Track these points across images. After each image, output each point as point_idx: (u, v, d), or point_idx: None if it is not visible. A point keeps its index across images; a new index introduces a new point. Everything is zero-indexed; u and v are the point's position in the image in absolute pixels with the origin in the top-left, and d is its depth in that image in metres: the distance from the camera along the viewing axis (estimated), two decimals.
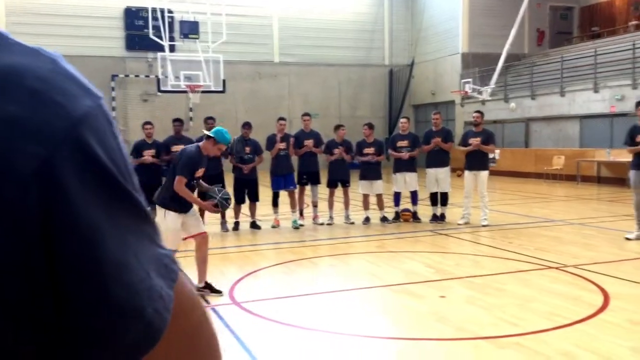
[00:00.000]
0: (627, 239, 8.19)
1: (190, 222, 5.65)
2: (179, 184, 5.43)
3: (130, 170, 0.50)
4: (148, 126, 9.56)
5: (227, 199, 5.85)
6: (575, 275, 6.25)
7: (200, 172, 5.62)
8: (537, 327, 4.53)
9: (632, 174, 8.20)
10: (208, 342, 0.58)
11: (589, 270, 6.39)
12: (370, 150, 10.25)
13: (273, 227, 9.99)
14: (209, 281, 5.76)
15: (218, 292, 5.76)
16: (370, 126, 10.49)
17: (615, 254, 7.32)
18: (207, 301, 5.52)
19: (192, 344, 0.55)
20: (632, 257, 7.14)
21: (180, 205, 5.49)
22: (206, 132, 5.94)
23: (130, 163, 0.51)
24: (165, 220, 5.42)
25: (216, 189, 5.84)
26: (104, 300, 0.45)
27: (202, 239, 5.71)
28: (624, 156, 11.98)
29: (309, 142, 10.19)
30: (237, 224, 9.83)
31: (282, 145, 9.99)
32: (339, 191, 10.37)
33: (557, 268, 6.61)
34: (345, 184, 10.32)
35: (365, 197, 10.40)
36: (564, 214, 11.18)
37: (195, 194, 5.90)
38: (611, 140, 17.81)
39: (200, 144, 5.67)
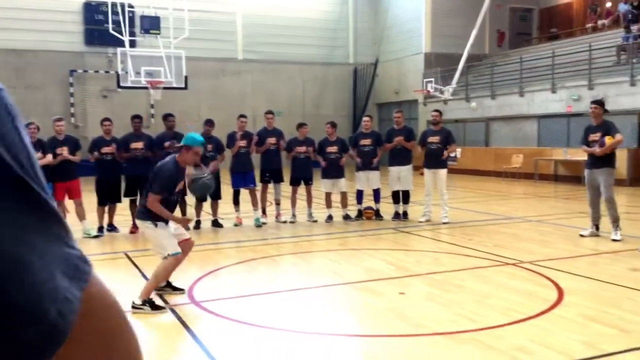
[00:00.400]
0: (582, 235, 8.42)
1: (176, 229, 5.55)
2: (154, 203, 5.24)
3: (35, 166, 0.48)
4: (107, 122, 9.37)
5: (210, 182, 5.77)
6: (532, 271, 6.39)
7: (180, 186, 5.47)
8: (493, 323, 4.62)
9: (586, 172, 8.42)
10: (126, 344, 0.56)
11: (545, 267, 6.54)
12: (333, 148, 10.28)
13: (235, 225, 9.92)
14: (169, 279, 5.68)
15: (179, 289, 5.69)
16: (333, 125, 10.51)
17: (570, 251, 7.52)
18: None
19: (109, 346, 0.53)
20: (586, 254, 7.34)
21: (159, 218, 5.33)
22: (177, 145, 5.79)
23: (36, 158, 0.49)
24: (156, 230, 5.30)
25: (204, 172, 5.69)
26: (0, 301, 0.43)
27: (186, 246, 5.56)
28: (580, 155, 12.31)
29: (271, 140, 10.15)
30: (198, 222, 9.73)
31: (243, 143, 9.93)
32: (301, 189, 10.36)
33: (514, 264, 6.74)
34: (308, 182, 10.33)
35: (328, 195, 10.42)
36: (522, 211, 11.43)
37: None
38: (568, 140, 18.28)
39: (177, 157, 5.46)
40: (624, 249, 7.54)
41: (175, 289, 5.69)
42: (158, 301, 5.27)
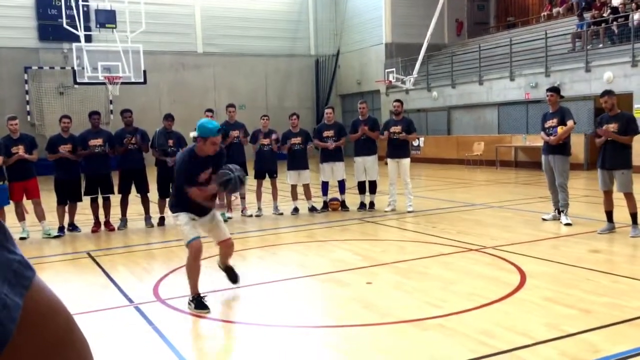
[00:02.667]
0: (544, 219, 8.62)
1: (212, 228, 5.36)
2: (189, 192, 5.01)
3: None
4: (66, 120, 9.12)
5: (242, 177, 5.21)
6: (495, 256, 6.52)
7: (203, 177, 5.14)
8: (459, 308, 4.69)
9: (543, 158, 8.63)
10: (77, 350, 0.54)
11: (507, 251, 6.67)
12: (297, 139, 10.26)
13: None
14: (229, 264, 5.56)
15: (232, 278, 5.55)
16: (297, 116, 10.52)
17: (531, 235, 7.69)
18: (130, 300, 5.36)
19: (57, 353, 0.51)
20: (546, 237, 7.52)
21: (189, 208, 5.11)
22: (193, 135, 5.38)
23: None
24: (178, 220, 5.12)
25: (232, 167, 5.16)
26: None
27: (225, 247, 5.41)
28: (539, 141, 12.58)
29: (234, 133, 10.06)
30: (162, 219, 9.60)
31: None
32: (266, 182, 10.32)
33: (477, 250, 6.86)
34: (273, 175, 10.29)
35: (294, 187, 10.41)
36: (485, 198, 11.63)
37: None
38: (527, 126, 18.68)
39: (194, 147, 5.20)
40: (583, 231, 7.75)
41: (231, 275, 5.54)
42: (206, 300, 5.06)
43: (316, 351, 4.11)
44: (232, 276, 5.60)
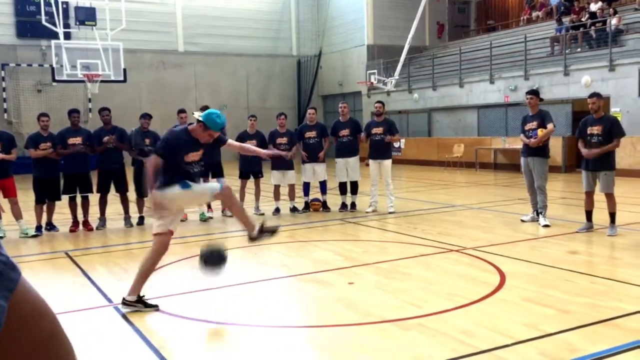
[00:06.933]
0: (523, 221, 8.72)
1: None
2: (151, 161, 4.99)
3: None
4: (44, 118, 9.00)
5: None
6: (475, 257, 6.57)
7: (191, 157, 5.05)
8: (439, 308, 4.72)
9: (522, 160, 8.73)
10: (60, 352, 0.53)
11: (487, 252, 6.73)
12: (283, 140, 10.25)
13: (181, 220, 9.73)
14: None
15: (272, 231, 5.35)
16: (285, 116, 10.55)
17: (511, 236, 7.77)
18: (109, 300, 5.29)
19: (41, 355, 0.50)
20: (525, 239, 7.60)
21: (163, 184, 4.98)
22: (196, 116, 5.23)
23: None
24: (167, 196, 4.91)
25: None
26: None
27: (223, 196, 5.16)
28: (518, 144, 12.73)
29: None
30: (141, 218, 9.51)
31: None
32: (250, 182, 10.29)
33: (457, 251, 6.91)
34: (258, 175, 10.29)
35: (277, 187, 10.40)
36: (464, 199, 11.72)
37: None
38: (506, 129, 18.88)
39: (190, 126, 5.16)
40: (561, 232, 7.86)
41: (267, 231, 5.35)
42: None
43: (299, 351, 4.10)
44: (268, 230, 5.31)
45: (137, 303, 4.93)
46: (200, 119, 5.05)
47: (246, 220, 5.22)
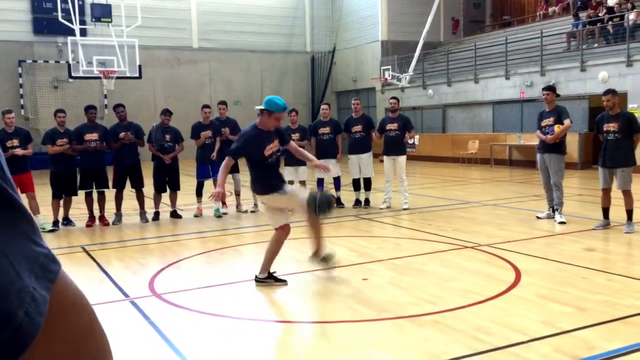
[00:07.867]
0: (538, 217, 8.66)
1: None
2: (224, 163, 5.28)
3: (0, 161, 0.45)
4: (61, 114, 9.10)
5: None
6: (490, 253, 6.54)
7: (270, 149, 5.29)
8: (454, 305, 4.71)
9: (538, 156, 8.66)
10: (98, 345, 0.54)
11: (502, 249, 6.70)
12: (296, 136, 10.25)
13: (196, 216, 9.80)
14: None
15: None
16: (297, 112, 10.55)
17: (526, 233, 7.72)
18: (125, 294, 5.35)
19: (80, 347, 0.51)
20: (541, 235, 7.55)
21: (261, 188, 5.36)
22: (258, 107, 5.64)
23: (1, 153, 0.47)
24: (269, 199, 5.33)
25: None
26: None
27: (282, 232, 5.55)
28: (533, 140, 12.63)
29: (225, 131, 10.03)
30: (157, 214, 9.58)
31: (209, 134, 9.79)
32: None
33: (472, 247, 6.88)
34: None
35: (290, 183, 10.39)
36: (479, 195, 11.66)
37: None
38: (521, 125, 18.73)
39: (257, 121, 5.33)
40: (578, 229, 7.79)
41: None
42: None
43: (314, 346, 4.11)
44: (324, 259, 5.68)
45: (268, 279, 5.39)
46: (262, 107, 5.26)
47: (320, 243, 5.54)
